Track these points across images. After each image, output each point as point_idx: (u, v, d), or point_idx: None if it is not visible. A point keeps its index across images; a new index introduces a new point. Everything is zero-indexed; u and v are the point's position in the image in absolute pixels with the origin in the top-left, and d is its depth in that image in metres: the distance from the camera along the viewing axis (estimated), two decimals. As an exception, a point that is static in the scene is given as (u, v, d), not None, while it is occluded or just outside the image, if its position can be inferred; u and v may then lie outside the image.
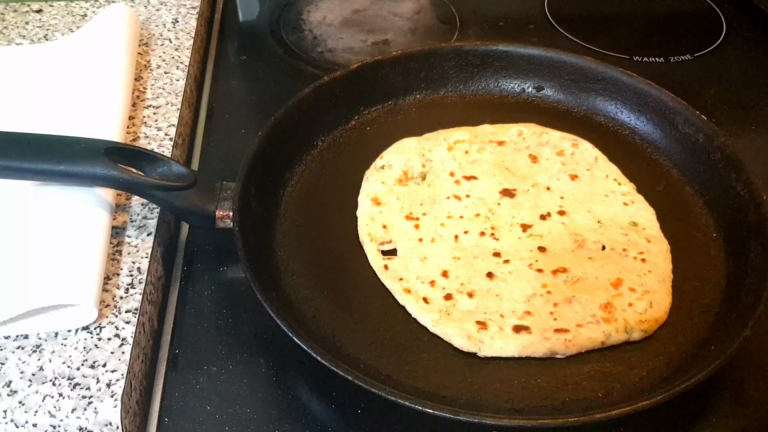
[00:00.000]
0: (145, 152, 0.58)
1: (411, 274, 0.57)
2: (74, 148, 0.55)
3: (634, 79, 0.68)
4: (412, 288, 0.56)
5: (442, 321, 0.53)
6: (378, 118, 0.71)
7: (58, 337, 0.51)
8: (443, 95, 0.73)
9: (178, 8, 0.82)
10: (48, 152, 0.54)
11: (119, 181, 0.54)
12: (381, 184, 0.64)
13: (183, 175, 0.57)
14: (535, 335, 0.52)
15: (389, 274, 0.57)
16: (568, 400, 0.50)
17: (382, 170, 0.65)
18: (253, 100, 0.77)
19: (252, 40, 0.85)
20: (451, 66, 0.73)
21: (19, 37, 0.77)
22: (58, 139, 0.56)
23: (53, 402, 0.47)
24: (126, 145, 0.58)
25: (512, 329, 0.53)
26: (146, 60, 0.75)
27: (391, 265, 0.58)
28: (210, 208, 0.57)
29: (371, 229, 0.60)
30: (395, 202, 0.62)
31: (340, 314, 0.55)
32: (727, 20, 0.89)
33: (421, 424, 0.47)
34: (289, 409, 0.51)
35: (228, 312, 0.56)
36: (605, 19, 0.91)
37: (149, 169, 0.57)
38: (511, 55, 0.73)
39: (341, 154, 0.68)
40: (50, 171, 0.54)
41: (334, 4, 0.90)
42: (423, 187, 0.64)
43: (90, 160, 0.54)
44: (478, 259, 0.58)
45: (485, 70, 0.73)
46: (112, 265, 0.55)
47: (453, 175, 0.64)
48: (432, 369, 0.52)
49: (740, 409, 0.51)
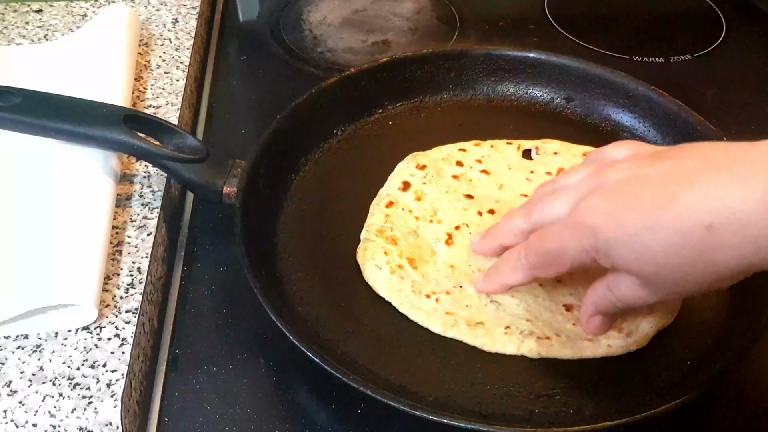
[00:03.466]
0: (162, 123, 0.60)
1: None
2: (95, 113, 0.58)
3: (665, 98, 0.67)
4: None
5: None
6: (401, 114, 0.71)
7: (58, 337, 0.51)
8: (470, 98, 0.73)
9: (178, 8, 0.82)
10: (71, 114, 0.58)
11: (134, 147, 0.57)
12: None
13: (196, 148, 0.59)
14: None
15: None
16: (537, 412, 0.49)
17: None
18: (253, 100, 0.77)
19: (252, 40, 0.85)
20: (482, 69, 0.72)
21: (19, 37, 0.77)
22: (80, 102, 0.59)
23: (53, 402, 0.47)
24: (144, 115, 0.60)
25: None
26: (146, 60, 0.75)
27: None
28: (218, 183, 0.58)
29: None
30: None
31: (326, 301, 0.55)
32: (727, 20, 0.89)
33: (422, 426, 0.47)
34: (289, 409, 0.51)
35: (228, 312, 0.56)
36: (605, 19, 0.91)
37: (165, 139, 0.59)
38: (543, 63, 0.72)
39: (359, 146, 0.67)
40: (71, 132, 0.57)
41: (334, 4, 0.90)
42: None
43: (109, 125, 0.57)
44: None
45: (516, 76, 0.72)
46: (112, 265, 0.55)
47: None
48: (407, 364, 0.51)
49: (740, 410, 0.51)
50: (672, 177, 0.42)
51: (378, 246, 0.58)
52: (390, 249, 0.58)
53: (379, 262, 0.57)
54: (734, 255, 0.39)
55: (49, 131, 0.57)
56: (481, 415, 0.48)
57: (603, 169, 0.46)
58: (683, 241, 0.40)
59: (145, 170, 0.63)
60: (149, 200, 0.61)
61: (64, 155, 0.59)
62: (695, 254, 0.40)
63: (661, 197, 0.41)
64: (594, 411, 0.49)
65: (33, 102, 0.57)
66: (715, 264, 0.40)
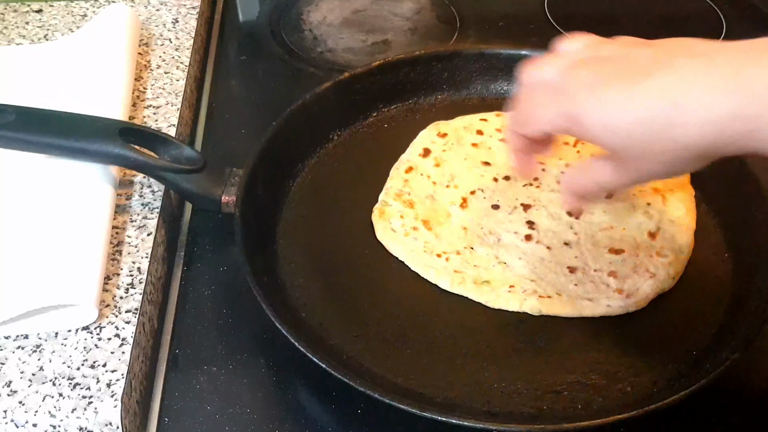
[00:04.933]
0: (158, 134, 0.60)
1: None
2: (91, 127, 0.58)
3: None
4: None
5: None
6: (397, 116, 0.71)
7: (58, 337, 0.51)
8: (465, 97, 0.73)
9: (178, 8, 0.82)
10: (66, 129, 0.58)
11: (131, 160, 0.57)
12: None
13: (193, 158, 0.59)
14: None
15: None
16: (546, 408, 0.49)
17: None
18: (253, 100, 0.77)
19: (252, 40, 0.85)
20: (475, 68, 0.73)
21: (19, 37, 0.77)
22: (75, 117, 0.59)
23: (53, 402, 0.47)
24: (140, 127, 0.60)
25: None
26: (146, 60, 0.75)
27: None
28: (217, 192, 0.59)
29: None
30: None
31: (330, 305, 0.55)
32: (727, 20, 0.89)
33: (426, 427, 0.47)
34: (289, 409, 0.51)
35: (228, 312, 0.56)
36: (605, 19, 0.91)
37: (161, 150, 0.59)
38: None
39: (356, 149, 0.68)
40: (67, 147, 0.57)
41: (334, 4, 0.90)
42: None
43: (105, 139, 0.57)
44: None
45: (509, 74, 0.71)
46: (112, 265, 0.56)
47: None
48: (412, 366, 0.52)
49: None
50: (653, 59, 0.44)
51: (395, 210, 0.61)
52: (406, 212, 0.61)
53: (395, 225, 0.60)
54: (696, 135, 0.41)
55: (45, 147, 0.57)
56: (490, 414, 0.49)
57: (597, 45, 0.48)
58: (650, 114, 0.42)
59: (145, 170, 0.63)
60: (149, 200, 0.61)
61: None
62: (659, 129, 0.42)
63: (638, 73, 0.43)
64: (602, 405, 0.49)
65: (27, 118, 0.57)
66: (677, 142, 0.42)
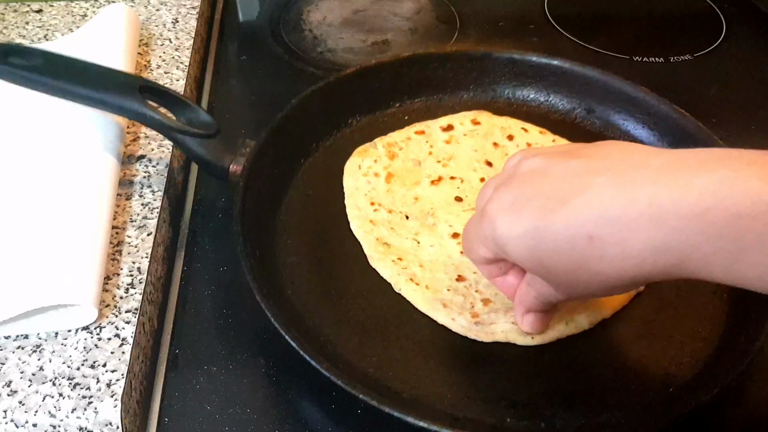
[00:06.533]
0: (177, 96, 0.61)
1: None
2: (113, 81, 0.59)
3: (686, 119, 0.65)
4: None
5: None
6: (419, 109, 0.71)
7: (58, 337, 0.51)
8: (491, 99, 0.72)
9: (178, 8, 0.83)
10: (89, 79, 0.58)
11: (147, 117, 0.58)
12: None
13: (208, 123, 0.59)
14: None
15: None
16: (509, 421, 0.48)
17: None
18: (253, 100, 0.77)
19: (252, 40, 0.85)
20: (504, 72, 0.72)
21: (19, 37, 0.77)
22: (99, 68, 0.60)
23: (53, 402, 0.47)
24: (160, 86, 0.61)
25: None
26: (146, 60, 0.75)
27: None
28: (226, 160, 0.59)
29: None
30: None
31: (317, 288, 0.56)
32: (727, 20, 0.89)
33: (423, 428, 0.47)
34: (289, 409, 0.50)
35: (228, 312, 0.56)
36: (605, 19, 0.91)
37: (178, 112, 0.60)
38: (566, 72, 0.70)
39: (372, 136, 0.67)
40: (88, 96, 0.58)
41: (334, 4, 0.90)
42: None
43: (125, 93, 0.57)
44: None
45: (538, 82, 0.72)
46: (112, 265, 0.55)
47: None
48: (387, 358, 0.51)
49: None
50: (573, 177, 0.40)
51: (376, 154, 0.61)
52: (384, 160, 0.61)
53: (363, 164, 0.61)
54: (616, 267, 0.38)
55: (67, 94, 0.58)
56: (453, 418, 0.48)
57: (523, 159, 0.45)
58: (568, 248, 0.39)
59: (145, 170, 0.63)
60: (149, 200, 0.61)
61: (64, 154, 0.59)
62: (579, 262, 0.39)
63: (555, 198, 0.40)
64: (566, 422, 0.48)
65: (54, 64, 0.58)
66: (599, 274, 0.39)
